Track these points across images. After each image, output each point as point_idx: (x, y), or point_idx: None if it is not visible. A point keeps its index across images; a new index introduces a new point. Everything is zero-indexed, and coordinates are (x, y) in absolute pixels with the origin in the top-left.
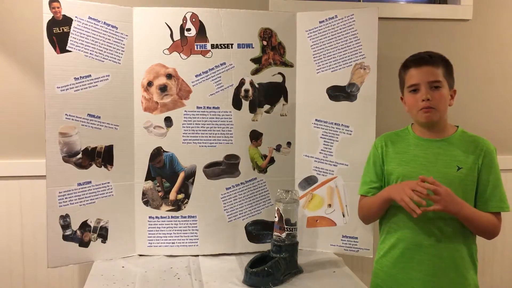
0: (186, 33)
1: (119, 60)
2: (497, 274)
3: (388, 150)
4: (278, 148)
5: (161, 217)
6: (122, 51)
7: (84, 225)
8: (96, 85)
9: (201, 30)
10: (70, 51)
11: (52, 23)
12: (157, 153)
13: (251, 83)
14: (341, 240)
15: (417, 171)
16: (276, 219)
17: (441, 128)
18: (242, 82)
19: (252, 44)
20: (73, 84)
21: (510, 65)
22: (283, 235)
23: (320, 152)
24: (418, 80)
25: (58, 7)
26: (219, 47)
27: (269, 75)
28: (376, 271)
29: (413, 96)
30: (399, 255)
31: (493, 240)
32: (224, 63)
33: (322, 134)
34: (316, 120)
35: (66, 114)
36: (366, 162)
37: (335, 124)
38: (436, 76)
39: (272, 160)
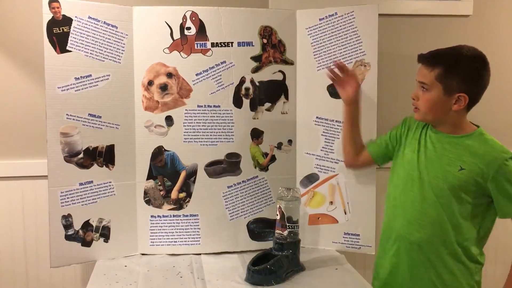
0: (186, 32)
1: (119, 59)
2: (491, 273)
3: (409, 133)
4: (279, 146)
5: (163, 216)
6: (122, 50)
7: (86, 225)
8: (97, 85)
9: (201, 28)
10: (70, 51)
11: (52, 23)
12: (158, 152)
13: (252, 81)
14: (343, 237)
15: (422, 162)
16: (278, 217)
17: (453, 126)
18: (242, 81)
19: (252, 42)
20: (73, 84)
21: (511, 60)
22: (285, 233)
23: (321, 150)
24: (416, 77)
25: (57, 7)
26: (219, 45)
27: (269, 73)
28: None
29: None
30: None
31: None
32: (225, 62)
33: (323, 132)
34: (317, 117)
35: (67, 114)
36: (390, 130)
37: (336, 121)
38: (424, 78)
39: (273, 158)
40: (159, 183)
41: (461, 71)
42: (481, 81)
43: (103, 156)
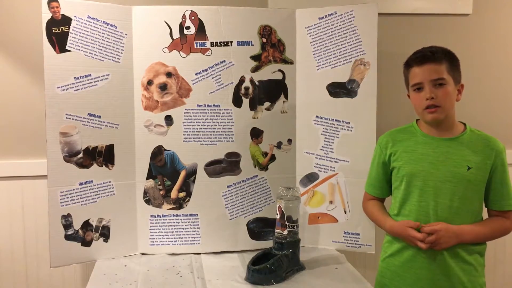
0: (185, 31)
1: (119, 59)
2: (499, 273)
3: (395, 149)
4: (279, 145)
5: (163, 216)
6: (121, 50)
7: (86, 225)
8: (96, 85)
9: (201, 28)
10: (69, 51)
11: (51, 23)
12: (158, 151)
13: (251, 81)
14: (343, 236)
15: (426, 169)
16: (278, 216)
17: (448, 126)
18: (242, 80)
19: (251, 41)
20: (73, 83)
21: (511, 59)
22: (285, 232)
23: (321, 149)
24: (422, 78)
25: (57, 7)
26: (219, 45)
27: (269, 72)
28: (383, 270)
29: (417, 95)
30: (411, 256)
31: (496, 240)
32: (224, 61)
33: (323, 131)
34: (316, 116)
35: (66, 114)
36: (372, 160)
37: (335, 120)
38: (439, 74)
39: (273, 158)
40: (159, 182)
41: (457, 63)
42: None
43: (103, 155)
